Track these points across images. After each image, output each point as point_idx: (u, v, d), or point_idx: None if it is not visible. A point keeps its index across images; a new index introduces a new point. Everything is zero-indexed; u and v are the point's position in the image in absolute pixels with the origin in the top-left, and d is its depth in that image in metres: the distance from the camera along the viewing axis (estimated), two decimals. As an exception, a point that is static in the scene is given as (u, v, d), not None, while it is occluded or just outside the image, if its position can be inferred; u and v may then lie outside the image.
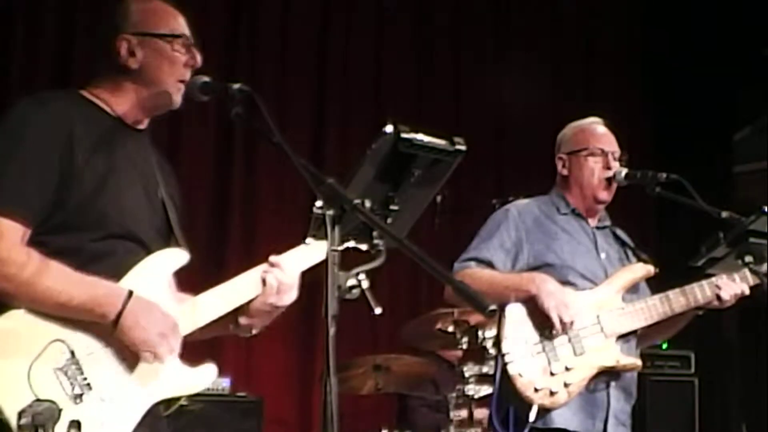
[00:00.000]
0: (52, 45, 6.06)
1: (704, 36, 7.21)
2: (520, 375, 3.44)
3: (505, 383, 3.45)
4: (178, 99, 2.68)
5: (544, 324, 3.49)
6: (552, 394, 3.44)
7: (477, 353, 5.26)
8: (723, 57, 7.10)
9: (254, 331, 2.76)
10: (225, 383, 5.44)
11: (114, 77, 2.65)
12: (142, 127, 2.72)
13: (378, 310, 2.22)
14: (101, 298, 2.44)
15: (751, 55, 6.97)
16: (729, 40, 7.07)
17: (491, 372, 5.07)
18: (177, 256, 2.63)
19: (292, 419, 6.37)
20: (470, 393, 5.14)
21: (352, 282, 2.20)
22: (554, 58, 7.59)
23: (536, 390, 3.43)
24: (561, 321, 3.45)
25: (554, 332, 3.48)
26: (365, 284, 2.21)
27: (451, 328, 5.20)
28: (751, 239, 3.55)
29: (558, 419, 3.47)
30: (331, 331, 2.13)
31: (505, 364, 3.45)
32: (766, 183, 6.62)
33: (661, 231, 7.27)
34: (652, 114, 7.78)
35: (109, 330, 2.45)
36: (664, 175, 3.71)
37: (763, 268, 3.62)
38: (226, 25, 6.58)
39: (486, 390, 5.14)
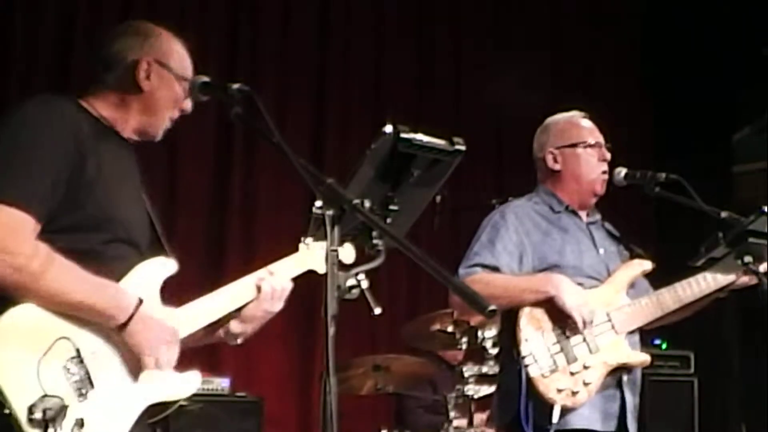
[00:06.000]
0: (52, 45, 6.06)
1: (704, 36, 7.21)
2: (543, 376, 3.42)
3: (524, 386, 3.41)
4: (161, 134, 2.77)
5: (561, 324, 3.48)
6: (574, 394, 3.43)
7: (476, 353, 5.26)
8: (723, 57, 7.10)
9: (240, 340, 2.85)
10: (225, 383, 5.44)
11: (121, 92, 2.69)
12: (130, 139, 2.76)
13: (377, 310, 2.23)
14: (112, 301, 2.49)
15: (751, 55, 6.97)
16: (729, 40, 7.07)
17: (491, 372, 5.08)
18: (167, 265, 2.68)
19: (291, 419, 6.37)
20: (470, 393, 5.14)
21: (351, 282, 2.20)
22: (554, 57, 7.59)
23: (559, 391, 3.42)
24: (583, 321, 3.45)
25: (572, 332, 3.47)
26: (365, 284, 2.22)
27: (450, 329, 5.20)
28: (751, 239, 3.55)
29: (578, 420, 3.46)
30: (331, 331, 2.14)
31: (525, 366, 3.42)
32: (766, 183, 6.62)
33: (661, 231, 7.27)
34: (652, 114, 7.79)
35: (113, 331, 2.49)
36: (664, 175, 3.71)
37: (762, 268, 3.61)
38: (226, 25, 6.58)
39: (485, 390, 5.14)
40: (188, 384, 2.67)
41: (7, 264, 2.36)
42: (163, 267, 2.66)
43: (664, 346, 6.41)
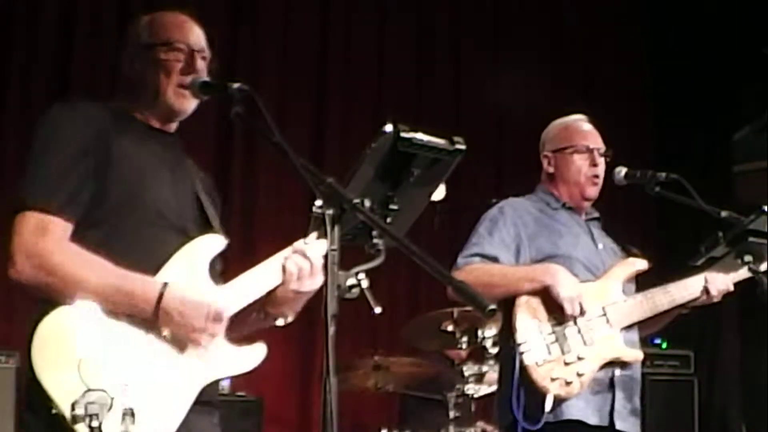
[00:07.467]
0: (52, 45, 6.07)
1: (704, 35, 7.21)
2: (537, 364, 3.43)
3: (519, 374, 3.43)
4: (181, 103, 2.70)
5: (556, 314, 3.49)
6: (567, 384, 3.44)
7: (477, 353, 5.26)
8: (723, 56, 7.10)
9: (289, 319, 2.81)
10: (225, 383, 5.43)
11: (127, 90, 2.73)
12: (170, 130, 2.78)
13: (378, 310, 2.23)
14: (137, 297, 2.48)
15: (751, 53, 6.97)
16: (729, 39, 7.06)
17: (491, 372, 5.08)
18: (215, 242, 2.67)
19: (291, 419, 6.38)
20: (470, 392, 5.14)
21: (351, 281, 2.20)
22: (554, 58, 7.59)
23: (552, 379, 3.42)
24: (575, 311, 3.46)
25: (567, 322, 3.48)
26: (365, 284, 2.21)
27: (450, 328, 5.20)
28: (751, 239, 3.56)
29: (569, 411, 3.46)
30: (331, 330, 2.14)
31: (520, 354, 3.43)
32: (766, 183, 6.62)
33: (661, 231, 7.27)
34: (652, 114, 7.78)
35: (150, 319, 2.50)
36: (664, 174, 3.72)
37: (763, 267, 3.62)
38: (226, 25, 6.58)
39: (485, 389, 5.14)
40: (250, 357, 2.68)
41: (33, 266, 2.41)
42: (210, 244, 2.65)
43: (664, 345, 6.41)
